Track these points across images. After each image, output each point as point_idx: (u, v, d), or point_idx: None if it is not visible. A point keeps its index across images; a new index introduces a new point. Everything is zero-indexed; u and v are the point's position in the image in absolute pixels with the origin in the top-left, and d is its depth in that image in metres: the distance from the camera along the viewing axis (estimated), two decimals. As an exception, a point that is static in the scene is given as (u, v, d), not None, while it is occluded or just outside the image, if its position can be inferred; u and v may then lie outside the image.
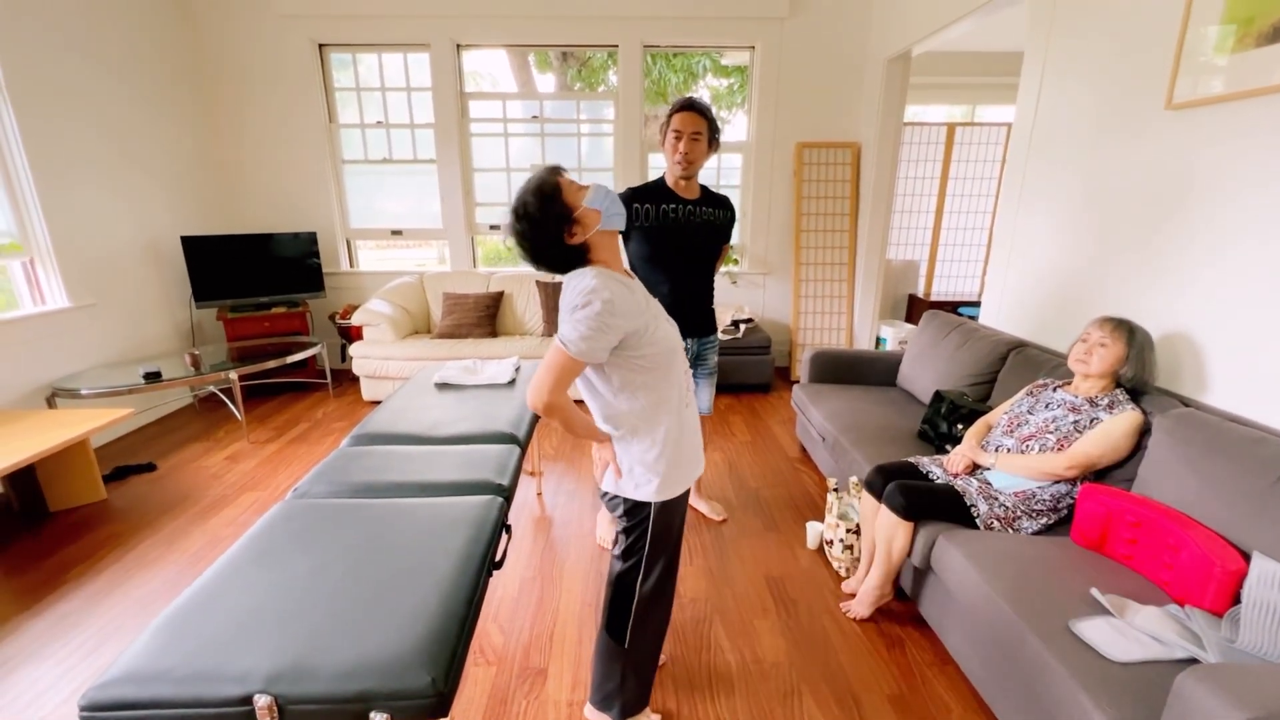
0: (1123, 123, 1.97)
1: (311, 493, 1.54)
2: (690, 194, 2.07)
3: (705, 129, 1.96)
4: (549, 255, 1.18)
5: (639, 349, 1.17)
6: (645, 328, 1.17)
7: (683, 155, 1.96)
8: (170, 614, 1.06)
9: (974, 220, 4.95)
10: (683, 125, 1.94)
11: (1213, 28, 1.64)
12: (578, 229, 1.17)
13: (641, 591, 1.32)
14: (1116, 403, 1.69)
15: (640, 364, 1.18)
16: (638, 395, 1.21)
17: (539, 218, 1.14)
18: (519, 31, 4.06)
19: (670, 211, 2.02)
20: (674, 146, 1.96)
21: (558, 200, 1.15)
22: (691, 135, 1.95)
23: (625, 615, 1.33)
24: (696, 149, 1.97)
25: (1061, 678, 1.17)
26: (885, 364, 3.04)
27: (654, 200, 2.02)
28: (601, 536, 2.31)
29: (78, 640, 1.79)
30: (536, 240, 1.17)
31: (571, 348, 1.10)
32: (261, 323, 4.00)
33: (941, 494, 1.76)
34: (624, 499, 1.28)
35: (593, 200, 1.17)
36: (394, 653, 0.96)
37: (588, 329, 1.09)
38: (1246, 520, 1.34)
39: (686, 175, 2.02)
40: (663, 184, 2.07)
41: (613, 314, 1.10)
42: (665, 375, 1.22)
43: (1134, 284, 1.95)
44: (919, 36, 3.33)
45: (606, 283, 1.11)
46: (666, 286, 2.04)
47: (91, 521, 2.46)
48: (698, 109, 1.95)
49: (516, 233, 1.17)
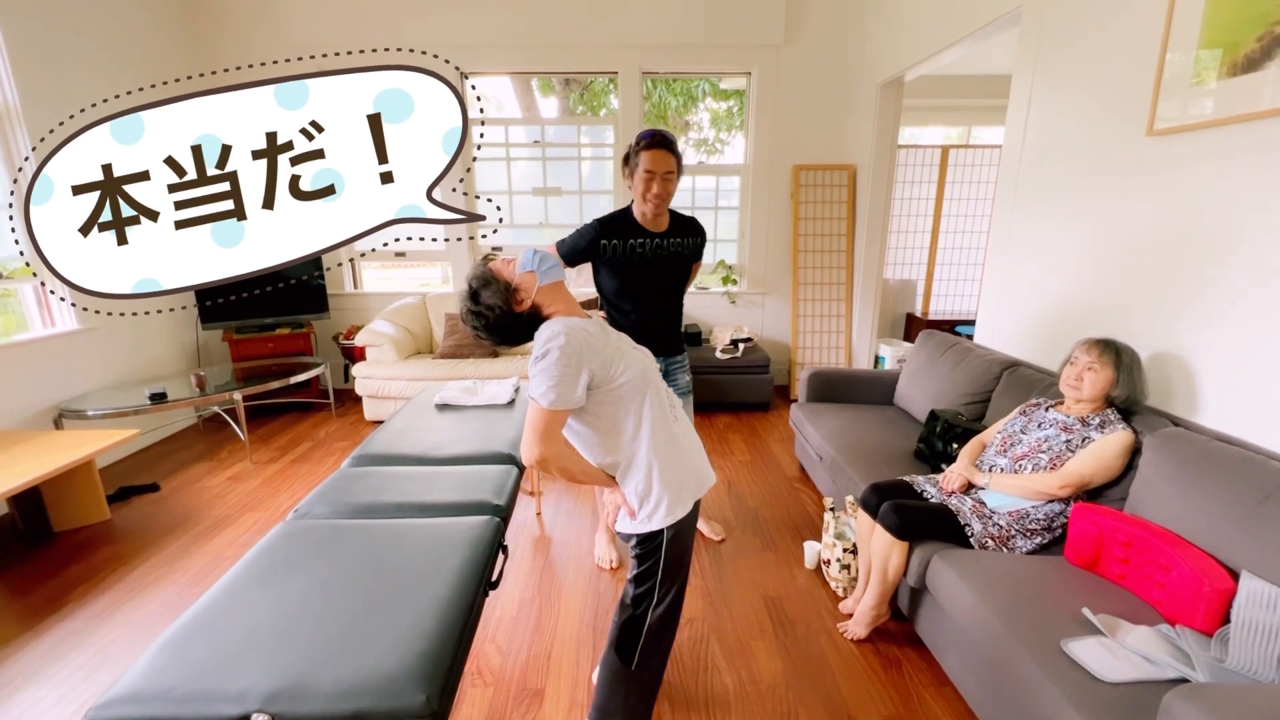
0: (1108, 147, 2.02)
1: (312, 513, 1.57)
2: (659, 226, 1.99)
3: (676, 166, 1.87)
4: (510, 328, 1.26)
5: (610, 382, 1.20)
6: (610, 360, 1.20)
7: (655, 197, 1.87)
8: (171, 634, 1.08)
9: (970, 240, 5.00)
10: (654, 165, 1.84)
11: (1189, 57, 1.69)
12: (522, 295, 1.24)
13: (653, 617, 1.33)
14: (1108, 422, 1.70)
15: (615, 395, 1.21)
16: (623, 425, 1.24)
17: (486, 302, 1.23)
18: (523, 59, 4.17)
19: (638, 247, 1.94)
20: (646, 186, 1.86)
21: (494, 281, 1.23)
22: (664, 175, 1.85)
23: (636, 638, 1.34)
24: (669, 188, 1.88)
25: (1053, 697, 1.18)
26: (882, 383, 3.06)
27: (621, 235, 1.93)
28: (600, 556, 2.30)
29: (79, 660, 1.80)
30: (493, 321, 1.24)
31: (544, 400, 1.14)
32: (266, 343, 4.05)
33: (936, 513, 1.77)
34: (638, 535, 1.30)
35: (523, 265, 1.25)
36: (390, 672, 0.98)
37: (552, 378, 1.13)
38: (1235, 539, 1.35)
39: (655, 213, 1.94)
40: (629, 217, 1.96)
41: (573, 354, 1.14)
42: (643, 400, 1.24)
43: (1121, 304, 1.98)
44: (912, 62, 3.41)
45: (562, 328, 1.16)
46: (635, 315, 2.02)
47: (95, 542, 2.48)
48: (668, 146, 1.83)
49: (475, 327, 1.26)
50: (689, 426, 1.38)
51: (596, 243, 1.92)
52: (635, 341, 1.36)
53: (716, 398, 4.07)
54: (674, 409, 1.33)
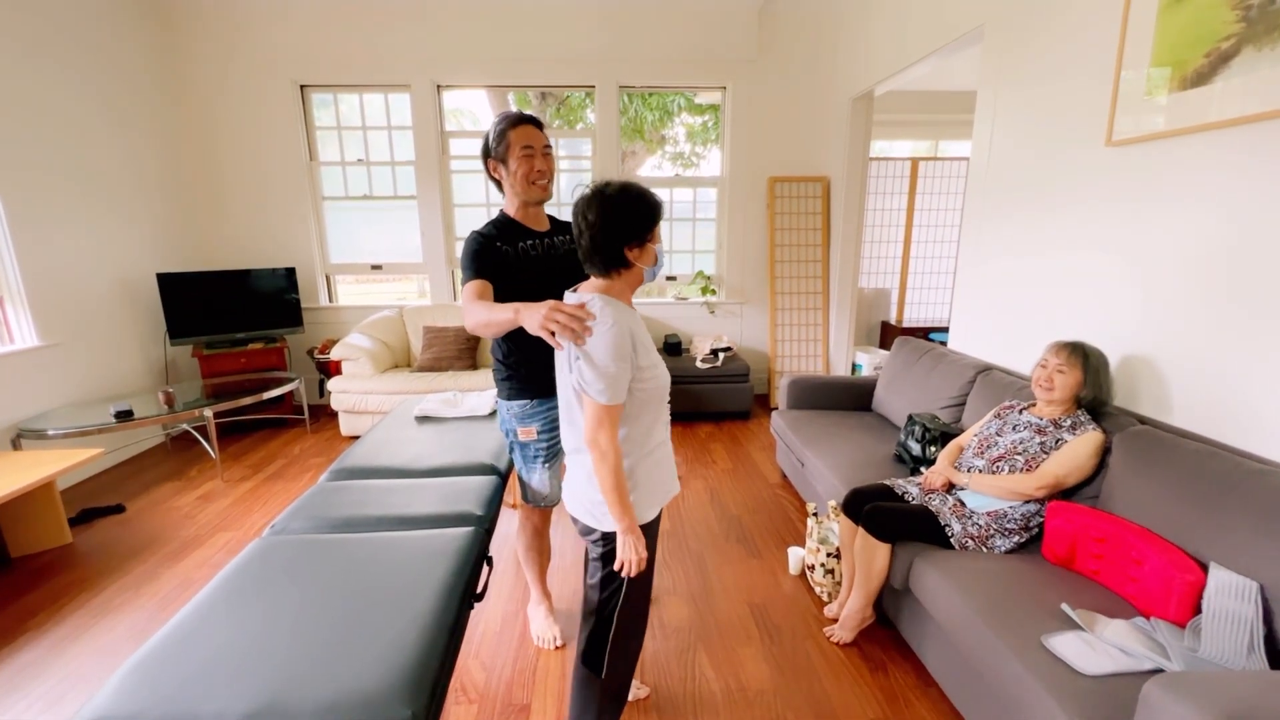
0: (1069, 157, 2.10)
1: (289, 529, 1.53)
2: (541, 225, 1.73)
3: (548, 141, 1.65)
4: (604, 247, 1.19)
5: (641, 381, 1.23)
6: (653, 364, 1.26)
7: (540, 174, 1.63)
8: (142, 655, 1.04)
9: (941, 249, 5.13)
10: (532, 139, 1.60)
11: (1142, 73, 1.78)
12: (638, 252, 1.21)
13: (621, 618, 1.32)
14: (1079, 424, 1.75)
15: (641, 394, 1.25)
16: (639, 420, 1.27)
17: (624, 215, 1.18)
18: (499, 73, 4.18)
19: (531, 249, 1.67)
20: (528, 165, 1.61)
21: (650, 217, 1.20)
22: (544, 150, 1.62)
23: (603, 644, 1.34)
24: (551, 165, 1.65)
25: (1036, 693, 1.20)
26: (860, 389, 3.11)
27: (509, 240, 1.64)
28: (539, 636, 1.94)
29: (39, 690, 1.72)
30: (607, 230, 1.18)
31: (604, 399, 1.16)
32: (238, 359, 3.95)
33: (916, 515, 1.79)
34: (602, 531, 1.30)
35: (658, 249, 1.27)
36: (373, 688, 0.96)
37: (614, 371, 1.15)
38: (1201, 531, 1.39)
39: (544, 198, 1.69)
40: (509, 220, 1.69)
41: (629, 347, 1.18)
42: (660, 406, 1.31)
43: (1087, 306, 2.04)
44: (881, 77, 3.50)
45: (618, 316, 1.18)
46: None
47: (55, 567, 2.37)
48: (536, 122, 1.62)
49: (601, 210, 1.17)
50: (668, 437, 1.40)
51: (493, 247, 1.62)
52: (548, 371, 1.35)
53: (697, 407, 4.08)
54: (668, 425, 1.36)
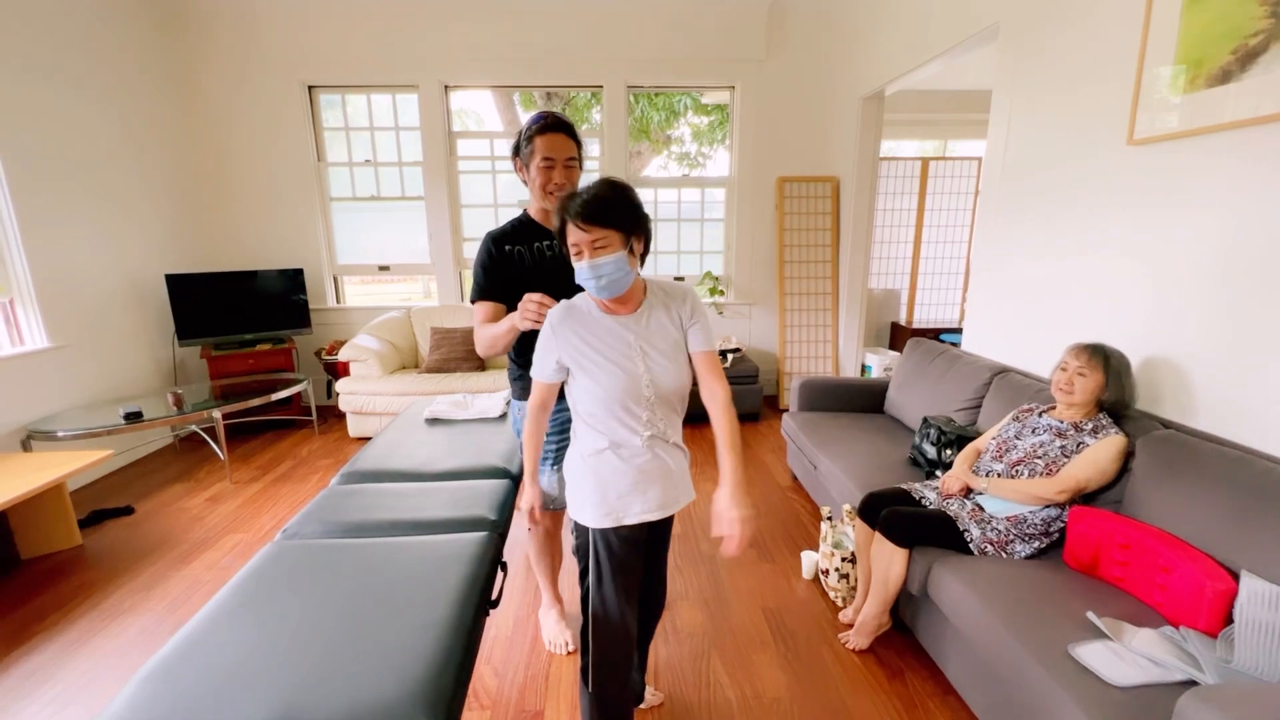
0: (1088, 156, 2.07)
1: (301, 533, 1.51)
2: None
3: (578, 153, 1.61)
4: (626, 216, 1.19)
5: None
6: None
7: (558, 188, 1.58)
8: (157, 663, 1.02)
9: (951, 250, 5.10)
10: (554, 151, 1.56)
11: (1166, 70, 1.74)
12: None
13: (593, 611, 1.30)
14: (1101, 427, 1.72)
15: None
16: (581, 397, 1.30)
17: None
18: (506, 73, 4.17)
19: (546, 249, 1.66)
20: (545, 177, 1.58)
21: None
22: (565, 163, 1.58)
23: (586, 650, 1.32)
24: (572, 178, 1.61)
25: (1065, 704, 1.17)
26: (872, 391, 3.08)
27: (525, 241, 1.65)
28: (551, 640, 1.94)
29: (49, 696, 1.71)
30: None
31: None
32: (246, 360, 3.95)
33: (934, 520, 1.77)
34: (575, 522, 1.33)
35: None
36: (393, 696, 0.94)
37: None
38: (1230, 539, 1.36)
39: None
40: (528, 220, 1.69)
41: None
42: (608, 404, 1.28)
43: (1107, 308, 2.01)
44: (892, 76, 3.47)
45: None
46: None
47: (65, 569, 2.37)
48: (566, 129, 1.58)
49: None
50: (648, 456, 1.32)
51: (502, 251, 1.62)
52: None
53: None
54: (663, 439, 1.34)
